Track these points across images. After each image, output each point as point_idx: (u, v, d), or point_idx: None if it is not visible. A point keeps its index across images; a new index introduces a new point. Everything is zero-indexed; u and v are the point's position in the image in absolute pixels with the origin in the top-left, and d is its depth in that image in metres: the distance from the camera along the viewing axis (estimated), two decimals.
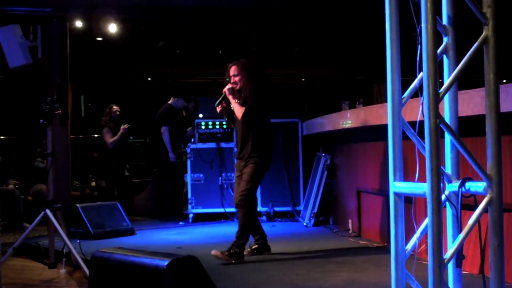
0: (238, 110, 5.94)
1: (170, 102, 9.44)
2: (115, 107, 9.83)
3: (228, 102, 6.06)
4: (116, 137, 9.58)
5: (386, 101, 3.30)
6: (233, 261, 5.62)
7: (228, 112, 6.13)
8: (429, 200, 2.81)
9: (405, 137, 3.20)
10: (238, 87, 5.98)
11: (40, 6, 9.20)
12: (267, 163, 6.01)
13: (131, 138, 12.12)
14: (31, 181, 10.19)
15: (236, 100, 5.98)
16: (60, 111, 5.60)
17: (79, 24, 10.45)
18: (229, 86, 6.02)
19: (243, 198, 5.83)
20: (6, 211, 8.60)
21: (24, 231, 5.80)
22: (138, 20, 11.98)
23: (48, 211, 5.52)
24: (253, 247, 6.04)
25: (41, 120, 5.60)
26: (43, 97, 5.76)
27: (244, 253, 5.86)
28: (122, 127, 9.58)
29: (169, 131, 9.14)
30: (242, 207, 5.85)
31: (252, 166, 5.88)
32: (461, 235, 2.92)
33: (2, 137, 13.58)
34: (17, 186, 9.54)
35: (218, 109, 6.09)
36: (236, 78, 5.97)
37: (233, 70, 6.00)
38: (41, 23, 6.75)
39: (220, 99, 6.09)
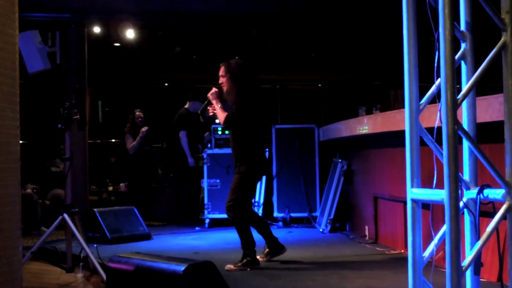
0: (221, 116, 5.75)
1: (186, 106, 9.46)
2: (137, 113, 9.89)
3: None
4: (135, 142, 9.63)
5: (403, 106, 3.29)
6: (248, 269, 5.60)
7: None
8: (447, 207, 2.80)
9: (422, 143, 3.19)
10: (225, 89, 5.78)
11: (59, 12, 9.27)
12: (256, 172, 5.80)
13: (160, 144, 12.16)
14: (48, 186, 10.25)
15: (220, 106, 5.78)
16: (78, 116, 5.64)
17: (97, 29, 10.52)
18: (213, 90, 5.82)
19: (230, 209, 5.71)
20: (24, 215, 8.55)
21: (42, 235, 5.84)
22: (155, 26, 12.04)
23: (65, 215, 5.55)
24: (266, 251, 6.01)
25: (59, 125, 5.64)
26: (61, 103, 5.80)
27: (260, 259, 5.85)
28: (141, 130, 9.63)
29: (187, 135, 9.15)
30: (232, 218, 5.74)
31: (238, 177, 5.72)
32: (479, 243, 2.91)
33: (20, 142, 13.66)
34: (35, 191, 9.60)
35: (210, 112, 5.91)
36: (223, 79, 5.78)
37: (220, 71, 5.80)
38: (59, 29, 6.80)
39: (204, 104, 5.98)
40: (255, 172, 5.78)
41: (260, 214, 8.81)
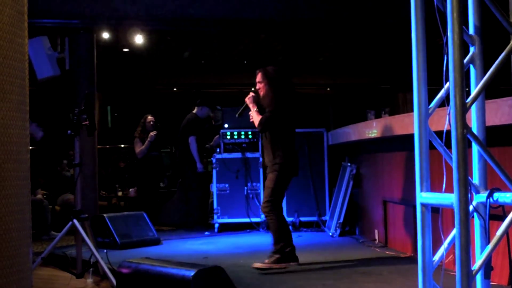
0: (256, 119, 6.02)
1: (194, 111, 9.46)
2: (149, 117, 9.91)
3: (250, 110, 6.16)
4: (143, 147, 9.65)
5: (412, 110, 3.29)
6: (277, 267, 5.67)
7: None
8: (456, 211, 2.80)
9: (431, 147, 3.18)
10: (262, 94, 6.06)
11: (67, 18, 9.31)
12: (290, 171, 5.99)
13: (169, 149, 12.18)
14: (58, 191, 10.29)
15: (256, 109, 6.05)
16: (87, 122, 5.66)
17: (106, 35, 10.57)
18: (250, 95, 6.12)
19: (267, 205, 5.84)
20: (34, 221, 8.57)
21: (52, 241, 5.85)
22: (164, 31, 12.08)
23: (75, 221, 5.57)
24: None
25: (69, 131, 5.66)
26: (71, 108, 5.83)
27: (270, 261, 5.87)
28: (149, 135, 9.64)
29: (196, 140, 9.16)
30: (268, 214, 5.86)
31: (274, 174, 5.90)
32: (490, 246, 2.90)
33: (30, 148, 13.70)
34: (45, 196, 9.63)
35: (251, 119, 6.12)
36: (260, 85, 6.05)
37: (258, 76, 6.09)
38: (68, 35, 6.83)
39: (241, 108, 6.22)
40: (288, 171, 5.98)
41: None
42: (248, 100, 6.12)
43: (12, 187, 2.79)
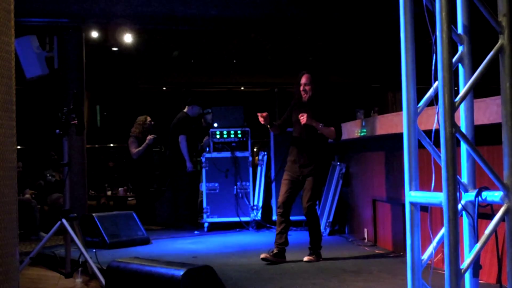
0: (329, 132, 6.13)
1: (185, 110, 9.43)
2: (149, 119, 9.87)
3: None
4: (140, 148, 9.61)
5: (401, 109, 3.30)
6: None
7: (279, 129, 6.41)
8: (445, 209, 2.80)
9: (420, 146, 3.19)
10: (307, 96, 6.22)
11: (56, 17, 9.27)
12: (325, 174, 6.45)
13: (159, 148, 12.17)
14: (47, 191, 10.24)
15: (321, 125, 6.09)
16: (76, 121, 5.63)
17: (95, 34, 10.52)
18: (304, 119, 6.06)
19: (310, 209, 6.17)
20: (22, 220, 8.62)
21: (41, 241, 5.83)
22: (153, 30, 12.04)
23: (64, 220, 5.55)
24: (274, 251, 6.03)
25: (57, 130, 5.64)
26: (59, 107, 5.80)
27: (262, 256, 5.98)
28: (148, 137, 9.60)
29: (186, 139, 9.13)
30: (311, 218, 6.20)
31: (314, 179, 6.13)
32: (478, 245, 2.91)
33: (19, 147, 13.63)
34: (33, 196, 9.58)
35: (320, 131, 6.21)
36: (307, 87, 6.22)
37: (306, 78, 6.25)
38: (57, 34, 6.80)
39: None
40: (325, 174, 6.40)
41: (259, 218, 8.83)
42: (307, 121, 6.08)
43: None
